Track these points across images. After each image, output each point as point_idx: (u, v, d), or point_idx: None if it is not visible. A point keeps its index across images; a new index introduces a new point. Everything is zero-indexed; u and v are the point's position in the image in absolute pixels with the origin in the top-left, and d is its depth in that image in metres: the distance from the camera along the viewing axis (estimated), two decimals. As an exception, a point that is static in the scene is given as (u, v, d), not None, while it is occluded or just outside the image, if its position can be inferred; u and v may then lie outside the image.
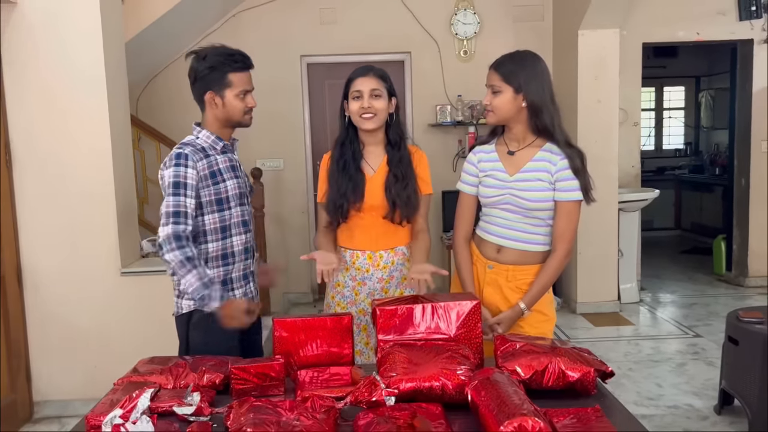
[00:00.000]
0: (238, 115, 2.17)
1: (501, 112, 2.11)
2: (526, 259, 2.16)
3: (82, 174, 3.39)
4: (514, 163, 2.14)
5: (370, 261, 2.35)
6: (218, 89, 2.13)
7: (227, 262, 2.18)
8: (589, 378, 1.54)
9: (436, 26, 5.54)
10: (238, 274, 2.21)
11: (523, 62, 2.09)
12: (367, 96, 2.26)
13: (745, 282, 5.81)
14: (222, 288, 2.05)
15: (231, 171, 2.19)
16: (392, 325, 1.74)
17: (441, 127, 5.57)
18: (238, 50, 2.18)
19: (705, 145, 8.99)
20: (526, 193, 2.09)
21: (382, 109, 2.28)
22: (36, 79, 3.34)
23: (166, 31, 4.79)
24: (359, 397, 1.46)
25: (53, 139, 3.37)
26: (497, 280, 2.19)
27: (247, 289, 2.26)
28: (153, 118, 5.27)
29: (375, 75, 2.30)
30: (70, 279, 3.43)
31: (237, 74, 2.13)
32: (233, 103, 2.14)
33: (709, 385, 3.65)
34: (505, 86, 2.08)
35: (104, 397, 1.57)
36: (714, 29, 5.49)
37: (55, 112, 3.36)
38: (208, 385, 1.65)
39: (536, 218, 2.12)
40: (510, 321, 2.13)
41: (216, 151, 2.17)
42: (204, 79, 2.13)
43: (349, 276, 2.37)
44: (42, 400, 3.51)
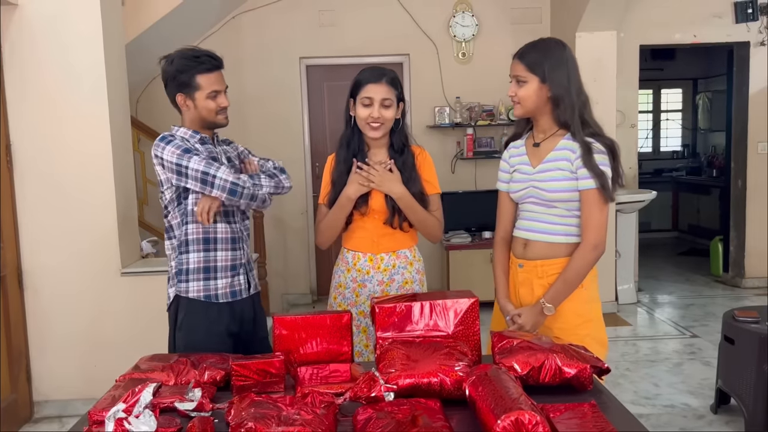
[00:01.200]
0: (210, 116, 2.17)
1: (527, 104, 2.04)
2: (554, 251, 2.05)
3: (83, 175, 3.41)
4: (538, 154, 2.08)
5: (371, 263, 2.32)
6: (188, 92, 2.14)
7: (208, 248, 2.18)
8: (585, 374, 1.56)
9: (434, 28, 5.58)
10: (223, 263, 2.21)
11: (548, 50, 2.02)
12: (377, 106, 2.20)
13: (742, 283, 5.84)
14: None
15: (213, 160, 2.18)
16: (391, 323, 1.76)
17: (439, 129, 5.60)
18: (205, 51, 2.17)
19: (702, 147, 9.03)
20: (545, 183, 2.03)
21: (391, 118, 2.24)
22: (37, 81, 3.36)
23: (166, 33, 4.80)
24: (358, 392, 1.48)
25: (54, 141, 3.39)
26: (529, 278, 2.09)
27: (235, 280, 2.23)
28: (153, 119, 5.29)
29: (387, 83, 2.21)
30: (71, 279, 3.45)
31: (205, 76, 2.13)
32: (204, 104, 2.15)
33: (705, 385, 3.67)
34: (530, 76, 2.01)
35: (106, 393, 1.58)
36: (711, 31, 5.53)
37: (55, 114, 3.38)
38: (209, 382, 1.67)
39: (561, 209, 2.04)
40: (531, 315, 2.02)
41: (194, 142, 2.18)
42: (173, 82, 2.15)
43: (350, 277, 2.34)
44: (42, 400, 3.53)
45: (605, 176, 1.97)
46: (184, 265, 2.19)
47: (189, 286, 2.19)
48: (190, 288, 2.18)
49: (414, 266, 2.36)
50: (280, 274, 5.58)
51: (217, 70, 2.18)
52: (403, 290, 2.33)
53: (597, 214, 1.99)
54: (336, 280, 2.40)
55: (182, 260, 2.19)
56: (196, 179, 2.07)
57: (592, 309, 2.08)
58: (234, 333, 2.22)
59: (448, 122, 5.55)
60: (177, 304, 2.21)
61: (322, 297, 5.70)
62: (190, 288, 2.19)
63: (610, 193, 1.99)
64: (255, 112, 5.44)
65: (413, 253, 2.37)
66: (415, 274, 2.36)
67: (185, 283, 2.19)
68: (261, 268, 4.47)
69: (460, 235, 5.34)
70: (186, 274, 2.19)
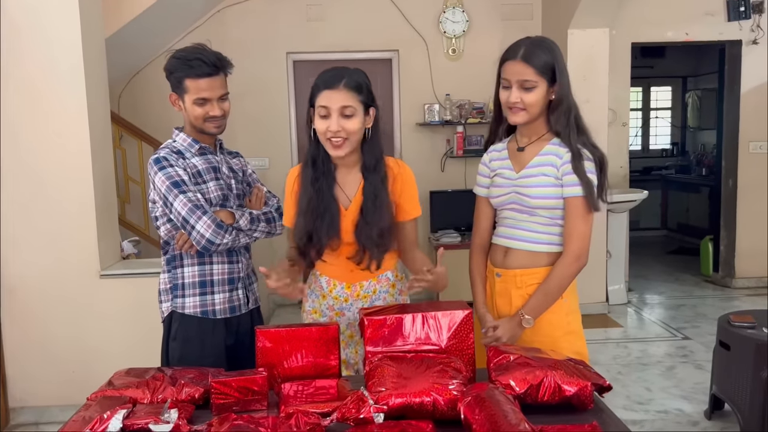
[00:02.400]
0: (197, 123, 2.06)
1: (535, 110, 1.89)
2: (535, 261, 1.95)
3: (61, 173, 3.29)
4: (522, 159, 1.96)
5: (348, 291, 2.02)
6: (179, 93, 2.06)
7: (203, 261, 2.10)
8: (586, 392, 1.48)
9: (424, 24, 5.48)
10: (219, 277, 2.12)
11: (553, 51, 1.90)
12: (336, 116, 1.82)
13: (732, 283, 5.80)
14: None
15: (211, 172, 2.11)
16: (381, 336, 1.66)
17: (429, 127, 5.51)
18: (200, 55, 1.99)
19: (691, 145, 9.02)
20: (529, 189, 1.92)
21: (355, 131, 1.85)
22: (14, 75, 3.23)
23: (148, 27, 4.68)
24: (346, 413, 1.39)
25: (31, 137, 3.27)
26: (508, 288, 1.98)
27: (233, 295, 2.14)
28: (135, 115, 5.16)
29: (346, 87, 1.82)
30: (48, 281, 3.33)
31: (194, 81, 2.00)
32: (190, 109, 2.04)
33: (698, 389, 3.62)
34: (540, 80, 1.86)
35: (76, 414, 1.48)
36: (703, 30, 5.48)
37: (33, 110, 3.26)
38: (186, 400, 1.57)
39: (544, 217, 1.93)
40: (509, 327, 1.90)
41: (191, 153, 2.10)
42: (168, 79, 2.08)
43: (326, 304, 2.05)
44: (18, 407, 3.40)
45: (592, 185, 1.86)
46: (179, 280, 2.10)
47: (185, 301, 2.09)
48: (187, 303, 2.09)
49: (396, 287, 2.06)
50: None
51: (209, 76, 2.00)
52: None
53: (581, 223, 1.88)
54: (309, 304, 2.09)
55: (176, 274, 2.11)
56: (177, 221, 2.00)
57: (572, 321, 1.98)
58: (230, 346, 2.12)
59: (438, 120, 5.46)
60: (171, 318, 2.12)
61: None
62: (186, 303, 2.09)
63: (595, 203, 1.88)
64: (240, 109, 5.29)
65: (395, 273, 2.07)
66: (398, 295, 2.06)
67: (181, 299, 2.09)
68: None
69: (449, 234, 5.25)
70: (182, 289, 2.10)
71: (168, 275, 2.13)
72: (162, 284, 2.16)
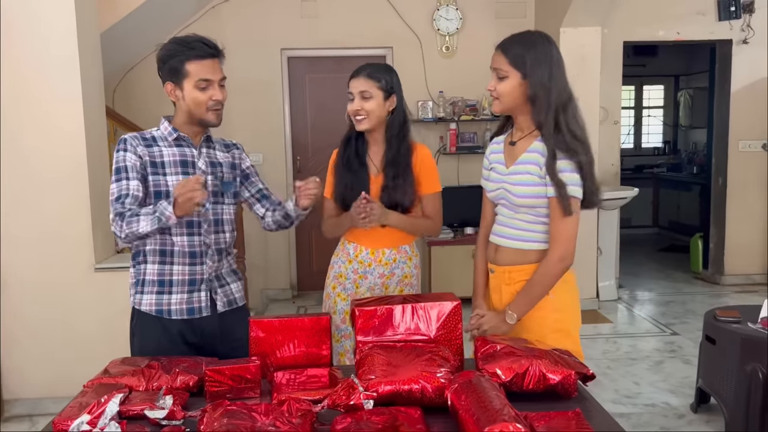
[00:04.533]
0: (199, 111, 1.99)
1: (506, 100, 1.92)
2: (522, 258, 1.97)
3: (55, 167, 3.31)
4: (513, 154, 1.97)
5: (372, 256, 2.38)
6: (177, 80, 1.98)
7: (164, 260, 2.03)
8: (570, 381, 1.52)
9: (418, 21, 5.51)
10: (179, 277, 2.03)
11: (532, 45, 1.89)
12: (357, 98, 2.30)
13: (722, 280, 5.87)
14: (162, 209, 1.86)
15: (178, 166, 2.02)
16: (371, 326, 1.70)
17: (422, 124, 5.54)
18: (199, 37, 2.00)
19: (683, 143, 9.09)
20: (515, 187, 1.93)
21: (373, 109, 2.29)
22: (9, 70, 3.25)
23: (143, 23, 4.69)
24: (337, 400, 1.43)
25: (26, 130, 3.29)
26: (499, 285, 2.03)
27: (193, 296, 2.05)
28: (130, 110, 5.17)
29: (365, 75, 2.31)
30: (42, 274, 3.36)
31: (195, 62, 1.95)
32: (192, 95, 1.97)
33: (685, 383, 3.67)
34: (512, 71, 1.88)
35: (73, 400, 1.51)
36: (694, 29, 5.53)
37: (28, 102, 3.28)
38: (181, 388, 1.61)
39: (528, 215, 1.94)
40: (494, 320, 1.95)
41: (167, 142, 2.03)
42: (163, 69, 2.01)
43: (351, 269, 2.40)
44: (12, 398, 3.43)
45: (564, 186, 1.84)
46: (141, 276, 2.06)
47: (143, 298, 2.05)
48: (144, 300, 2.05)
49: (413, 261, 2.44)
50: (260, 268, 5.49)
51: (212, 58, 1.98)
52: (403, 284, 2.40)
53: (560, 224, 1.88)
54: (335, 270, 2.44)
55: (139, 270, 2.06)
56: None
57: (561, 319, 1.97)
58: (192, 343, 2.05)
59: (431, 117, 5.50)
60: (132, 313, 2.11)
61: (302, 292, 5.63)
62: (143, 300, 2.05)
63: (567, 206, 1.85)
64: (235, 105, 5.31)
65: (412, 248, 2.45)
66: (413, 269, 2.44)
67: (140, 295, 2.06)
68: (240, 263, 4.39)
69: (442, 230, 5.28)
70: (141, 285, 2.06)
71: (133, 270, 2.09)
72: (130, 278, 2.10)
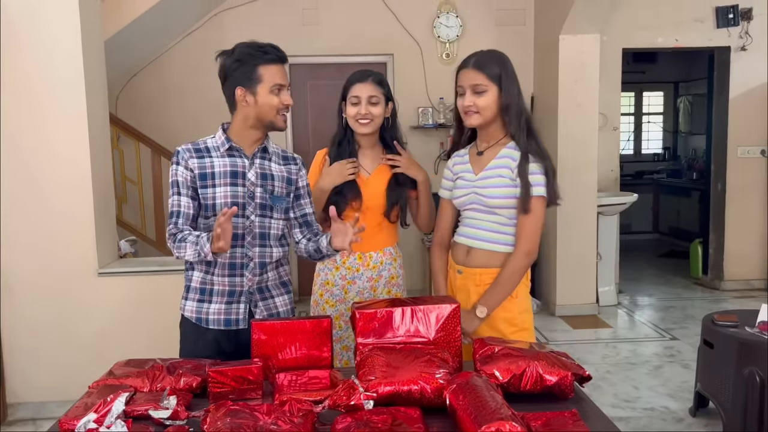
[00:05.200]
0: (270, 114, 2.00)
1: (488, 113, 2.08)
2: (494, 261, 2.11)
3: (59, 172, 3.35)
4: (481, 162, 2.15)
5: (360, 261, 2.45)
6: (249, 85, 1.97)
7: (207, 270, 2.05)
8: (566, 382, 1.55)
9: (418, 28, 5.56)
10: (219, 287, 2.05)
11: (503, 62, 2.09)
12: (365, 103, 2.34)
13: (721, 285, 5.89)
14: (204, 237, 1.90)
15: (228, 177, 2.01)
16: (371, 329, 1.73)
17: (423, 130, 5.58)
18: (269, 43, 2.02)
19: (683, 149, 9.12)
20: (487, 190, 2.10)
21: (379, 115, 2.37)
22: (14, 76, 3.28)
23: (147, 30, 4.74)
24: (337, 401, 1.46)
25: (30, 137, 3.32)
26: (467, 285, 2.16)
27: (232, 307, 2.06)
28: (133, 116, 5.21)
29: (373, 81, 2.37)
30: (46, 279, 3.39)
31: (268, 67, 1.97)
32: (266, 99, 1.98)
33: (684, 388, 3.69)
34: (491, 85, 2.06)
35: (78, 401, 1.54)
36: (692, 36, 5.57)
37: (32, 109, 3.31)
38: (184, 389, 1.63)
39: (502, 216, 2.09)
40: (466, 319, 2.02)
41: (219, 153, 2.03)
42: (233, 74, 1.98)
43: (338, 275, 2.46)
44: (16, 402, 3.45)
45: (529, 186, 2.02)
46: (188, 282, 2.11)
47: (186, 304, 2.10)
48: (187, 306, 2.10)
49: (397, 262, 2.53)
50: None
51: (282, 63, 2.01)
52: (390, 285, 2.48)
53: (525, 221, 2.05)
54: (322, 277, 2.50)
55: (188, 276, 2.11)
56: None
57: (526, 320, 2.13)
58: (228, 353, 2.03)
59: (432, 123, 5.54)
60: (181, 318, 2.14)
61: (303, 297, 5.65)
62: (186, 306, 2.10)
63: (525, 204, 2.03)
64: (237, 111, 5.38)
65: (396, 250, 2.54)
66: (399, 269, 2.53)
67: (184, 300, 2.11)
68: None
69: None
70: (187, 292, 2.11)
71: (185, 274, 2.13)
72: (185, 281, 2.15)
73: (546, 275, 5.38)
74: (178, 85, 5.22)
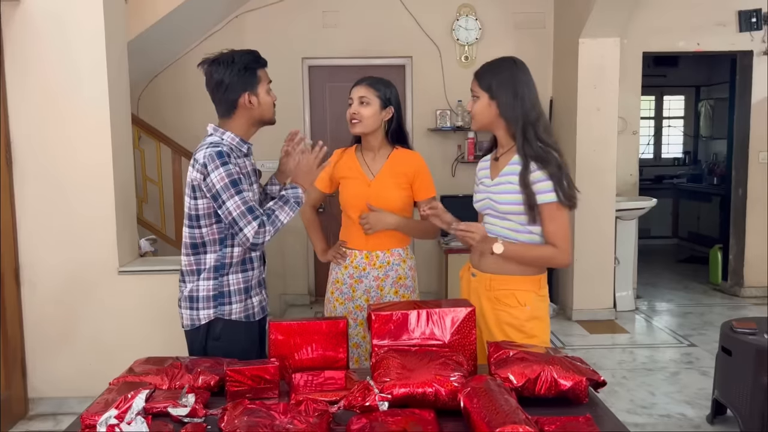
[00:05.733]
0: (270, 111, 2.18)
1: (479, 118, 2.17)
2: (505, 266, 2.11)
3: (82, 173, 3.40)
4: (497, 168, 2.19)
5: (366, 260, 2.51)
6: (252, 88, 2.12)
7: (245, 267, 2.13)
8: (581, 387, 1.56)
9: (437, 31, 5.57)
10: (256, 280, 2.19)
11: (499, 69, 2.14)
12: (355, 103, 2.46)
13: (741, 292, 5.83)
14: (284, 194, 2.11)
15: (252, 176, 2.18)
16: (387, 330, 1.75)
17: (441, 132, 5.59)
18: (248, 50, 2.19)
19: (703, 154, 9.02)
20: (499, 196, 2.13)
21: (369, 116, 2.44)
22: (38, 78, 3.35)
23: (169, 31, 4.80)
24: (353, 401, 1.48)
25: (53, 138, 3.38)
26: (478, 289, 2.19)
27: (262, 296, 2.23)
28: (154, 117, 5.28)
29: (365, 84, 2.47)
30: (68, 277, 3.44)
31: (263, 70, 2.18)
32: (265, 98, 2.15)
33: (702, 395, 3.66)
34: (481, 92, 2.14)
35: (99, 397, 1.58)
36: (714, 40, 5.51)
37: (56, 111, 3.37)
38: (202, 387, 1.66)
39: (514, 222, 2.11)
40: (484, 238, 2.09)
41: (240, 153, 2.13)
42: (240, 80, 2.09)
43: (347, 274, 2.54)
44: (37, 397, 3.52)
45: (534, 196, 2.04)
46: (225, 287, 2.09)
47: (232, 308, 2.10)
48: (233, 309, 2.10)
49: (407, 263, 2.57)
50: (279, 274, 5.57)
51: None
52: (398, 285, 2.53)
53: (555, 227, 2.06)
54: (333, 275, 2.61)
55: (223, 282, 2.09)
56: (225, 219, 2.00)
57: (534, 327, 2.13)
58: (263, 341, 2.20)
59: (450, 126, 5.54)
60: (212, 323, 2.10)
61: (320, 298, 5.69)
62: (233, 309, 2.10)
63: (532, 214, 2.05)
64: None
65: (406, 251, 2.58)
66: (408, 270, 2.57)
67: (228, 306, 2.10)
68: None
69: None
70: (228, 296, 2.10)
71: (212, 283, 2.08)
72: (202, 291, 2.09)
73: (563, 279, 5.36)
74: (199, 87, 5.22)
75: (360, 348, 2.53)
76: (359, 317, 2.53)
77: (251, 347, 2.14)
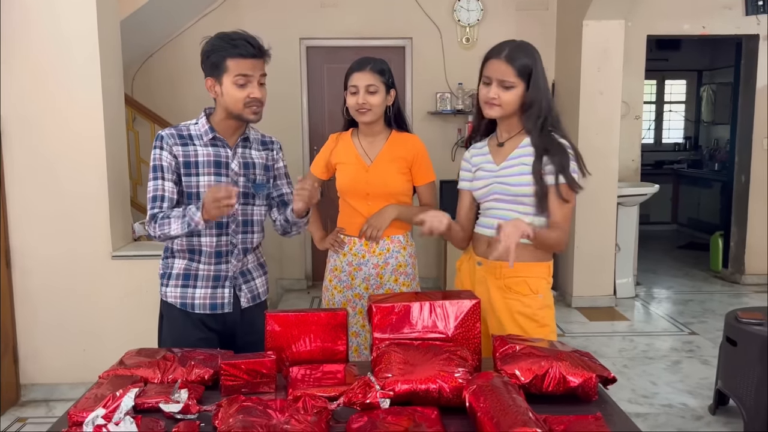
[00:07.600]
0: (236, 107, 1.98)
1: (509, 108, 2.02)
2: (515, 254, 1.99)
3: (74, 154, 3.32)
4: (502, 153, 2.09)
5: (366, 247, 2.46)
6: (217, 76, 1.98)
7: (192, 258, 2.09)
8: (590, 384, 1.49)
9: (438, 12, 5.46)
10: (204, 273, 2.09)
11: (535, 58, 2.01)
12: (362, 92, 2.34)
13: (741, 279, 5.78)
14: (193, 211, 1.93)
15: (212, 166, 2.04)
16: (388, 323, 1.68)
17: (440, 116, 5.51)
18: (244, 36, 1.98)
19: (704, 140, 8.95)
20: (509, 178, 2.04)
21: (378, 104, 2.36)
22: (28, 55, 3.25)
23: (163, 10, 4.68)
24: (353, 398, 1.41)
25: (44, 118, 3.30)
26: (486, 278, 2.09)
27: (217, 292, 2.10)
28: (148, 98, 5.18)
29: (372, 70, 2.35)
30: (60, 261, 3.37)
31: (236, 60, 1.95)
32: (230, 91, 1.97)
33: (703, 384, 3.62)
34: (518, 81, 1.98)
35: (88, 392, 1.51)
36: (720, 23, 5.42)
37: (47, 90, 3.28)
38: (196, 381, 1.59)
39: (526, 206, 2.02)
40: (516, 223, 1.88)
41: (202, 141, 2.04)
42: (205, 63, 2.01)
43: (346, 261, 2.48)
44: (29, 383, 3.46)
45: (544, 186, 1.98)
46: (168, 269, 2.13)
47: (167, 291, 2.12)
48: (169, 293, 2.12)
49: (407, 250, 2.51)
50: (276, 258, 5.50)
51: (253, 57, 1.97)
52: (397, 273, 2.47)
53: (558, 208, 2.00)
54: (332, 263, 2.54)
55: (168, 264, 2.13)
56: None
57: (546, 315, 2.08)
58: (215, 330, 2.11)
59: (450, 109, 5.46)
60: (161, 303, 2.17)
61: (317, 283, 5.63)
62: (168, 293, 2.12)
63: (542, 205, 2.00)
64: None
65: (406, 238, 2.52)
66: (408, 257, 2.51)
67: (165, 288, 2.13)
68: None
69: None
70: (168, 279, 2.12)
71: (161, 262, 2.15)
72: (159, 269, 2.17)
73: (563, 266, 5.30)
74: (194, 67, 5.12)
75: (359, 337, 2.49)
76: (358, 306, 2.48)
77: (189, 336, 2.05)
